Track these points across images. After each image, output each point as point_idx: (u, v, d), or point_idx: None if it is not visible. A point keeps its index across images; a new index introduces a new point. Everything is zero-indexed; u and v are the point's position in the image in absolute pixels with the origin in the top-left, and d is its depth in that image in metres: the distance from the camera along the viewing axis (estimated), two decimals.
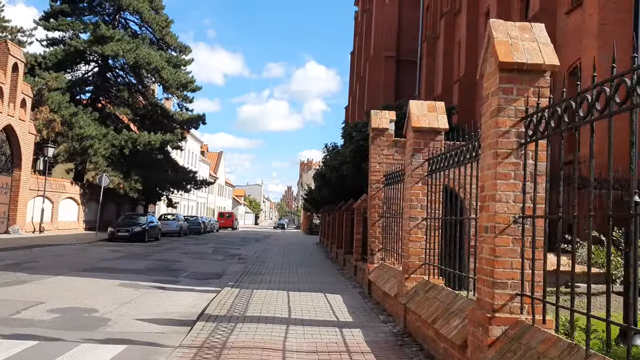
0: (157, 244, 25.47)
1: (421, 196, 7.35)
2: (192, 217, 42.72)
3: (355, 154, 14.33)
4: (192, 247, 24.80)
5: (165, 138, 33.26)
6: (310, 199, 49.10)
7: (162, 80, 36.24)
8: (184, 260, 17.68)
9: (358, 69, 41.63)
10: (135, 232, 26.10)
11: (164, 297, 9.81)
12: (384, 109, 16.40)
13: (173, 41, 39.42)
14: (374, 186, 10.55)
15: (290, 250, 24.22)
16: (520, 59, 4.26)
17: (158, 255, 19.15)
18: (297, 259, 18.81)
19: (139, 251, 20.54)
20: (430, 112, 7.50)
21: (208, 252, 22.13)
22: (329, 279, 13.08)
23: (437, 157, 6.89)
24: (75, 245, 21.81)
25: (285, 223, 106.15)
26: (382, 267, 9.90)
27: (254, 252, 22.05)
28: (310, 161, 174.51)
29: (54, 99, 29.80)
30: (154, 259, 17.46)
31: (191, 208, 65.64)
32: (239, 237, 41.05)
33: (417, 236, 7.29)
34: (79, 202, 32.42)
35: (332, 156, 19.34)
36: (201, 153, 71.34)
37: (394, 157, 10.51)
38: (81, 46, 33.68)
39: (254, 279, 12.34)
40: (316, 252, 22.99)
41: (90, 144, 30.47)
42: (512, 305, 4.23)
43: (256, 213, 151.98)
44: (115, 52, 33.27)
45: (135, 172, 33.66)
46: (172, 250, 21.99)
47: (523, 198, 4.27)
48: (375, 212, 10.57)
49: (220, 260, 18.37)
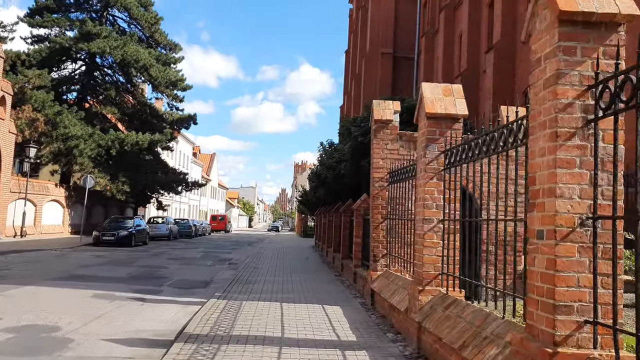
0: (144, 249, 24.27)
1: (436, 194, 6.26)
2: (182, 220, 41.46)
3: (354, 151, 13.25)
4: (180, 251, 23.62)
5: (154, 138, 32.05)
6: (304, 201, 47.98)
7: (150, 79, 35.04)
8: (170, 266, 16.53)
9: (353, 67, 40.60)
10: (121, 237, 24.88)
11: (141, 311, 8.67)
12: None
13: (163, 39, 38.25)
14: (377, 184, 9.46)
15: (285, 254, 23.09)
16: (587, 7, 3.21)
17: (143, 261, 17.98)
18: (292, 264, 17.69)
19: (123, 257, 19.36)
20: (446, 96, 6.42)
21: (197, 257, 20.97)
22: (327, 287, 11.97)
23: (458, 148, 5.81)
24: (56, 251, 20.60)
25: (280, 225, 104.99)
26: (387, 276, 8.81)
27: (246, 257, 20.91)
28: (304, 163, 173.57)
29: (37, 97, 28.55)
30: (138, 265, 16.30)
31: (183, 211, 64.35)
32: (232, 240, 39.87)
33: (433, 241, 6.21)
34: (64, 205, 31.15)
35: (329, 154, 18.24)
36: (193, 155, 70.07)
37: (399, 152, 9.44)
38: (67, 43, 32.45)
39: (244, 288, 11.21)
40: (312, 257, 21.88)
41: (75, 144, 29.23)
42: (579, 337, 3.18)
43: (250, 216, 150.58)
44: (102, 50, 32.07)
45: (122, 173, 32.43)
46: (159, 255, 20.81)
47: (594, 193, 3.21)
48: (379, 214, 9.48)
49: (210, 266, 17.22)
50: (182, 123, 40.03)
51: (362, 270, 11.51)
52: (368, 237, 11.48)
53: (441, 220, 6.19)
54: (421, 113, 6.50)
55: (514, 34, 17.92)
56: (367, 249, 11.66)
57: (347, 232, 14.76)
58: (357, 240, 12.32)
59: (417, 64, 29.04)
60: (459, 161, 5.79)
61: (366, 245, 11.70)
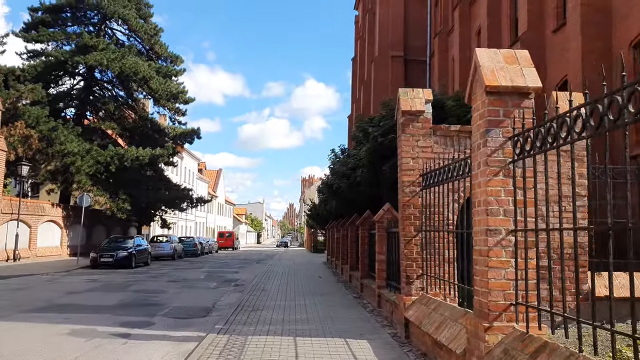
0: (144, 270, 22.62)
1: (503, 196, 4.58)
2: (187, 239, 39.77)
3: (372, 155, 11.56)
4: (183, 272, 21.94)
5: (155, 153, 30.51)
6: (313, 215, 46.17)
7: (151, 92, 33.67)
8: (169, 290, 14.85)
9: (361, 74, 39.09)
10: (120, 257, 23.27)
11: (123, 352, 7.01)
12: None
13: (163, 51, 36.93)
14: (407, 190, 7.78)
15: (295, 272, 21.36)
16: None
17: (140, 284, 16.32)
18: (304, 285, 15.96)
19: (120, 280, 17.71)
20: (509, 64, 4.76)
21: (200, 278, 19.28)
22: (347, 313, 10.24)
23: (538, 129, 4.13)
24: (48, 275, 18.99)
25: (289, 241, 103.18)
26: (426, 302, 7.10)
27: (254, 277, 19.21)
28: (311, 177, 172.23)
29: (31, 113, 27.18)
30: (133, 290, 14.64)
31: (189, 228, 62.77)
32: (239, 258, 38.15)
33: (501, 260, 4.53)
34: (61, 225, 29.61)
35: (342, 162, 16.54)
36: (199, 171, 68.65)
37: (432, 150, 7.77)
38: (62, 57, 31.16)
39: (250, 316, 9.52)
40: (325, 275, 20.12)
41: (72, 161, 27.76)
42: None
43: (258, 232, 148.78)
44: (99, 62, 30.74)
45: (123, 191, 30.91)
46: (159, 277, 19.14)
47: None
48: (411, 225, 7.78)
49: (213, 289, 15.54)
50: (185, 137, 38.56)
51: (388, 293, 9.79)
52: (394, 254, 9.80)
53: (512, 230, 4.50)
54: (476, 88, 4.85)
55: (541, 23, 16.29)
56: (393, 268, 9.97)
57: (367, 248, 13.05)
58: (380, 258, 10.61)
59: (429, 66, 27.44)
60: (539, 148, 4.12)
61: (392, 263, 10.01)
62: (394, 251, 9.90)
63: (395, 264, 9.73)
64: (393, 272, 9.93)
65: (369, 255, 12.77)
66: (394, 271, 9.90)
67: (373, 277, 12.26)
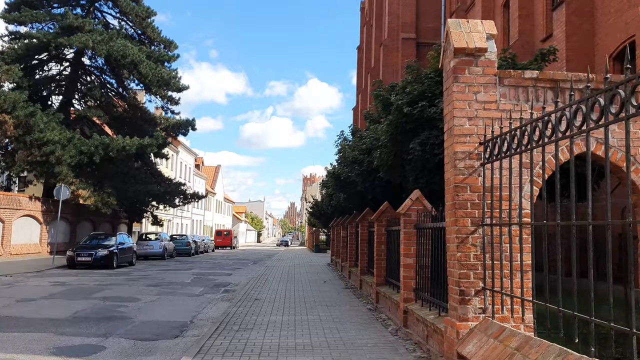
0: (126, 272, 20.14)
1: None
2: (180, 237, 37.22)
3: (395, 130, 9.00)
4: (169, 274, 19.46)
5: (143, 142, 27.95)
6: (316, 212, 43.62)
7: (140, 77, 31.13)
8: (144, 297, 12.37)
9: (368, 61, 36.59)
10: (99, 257, 20.79)
11: None
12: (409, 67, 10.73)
13: (155, 35, 34.44)
14: (462, 165, 5.27)
15: (296, 275, 18.87)
16: None
17: (112, 290, 13.84)
18: (306, 291, 13.48)
19: (91, 284, 15.24)
20: None
21: (186, 281, 16.80)
22: (364, 335, 7.74)
23: None
24: (11, 277, 16.54)
25: (289, 240, 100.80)
26: (497, 333, 4.61)
27: (248, 280, 16.75)
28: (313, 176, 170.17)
29: (7, 97, 24.68)
30: (99, 297, 12.17)
31: (185, 226, 60.29)
32: (236, 257, 35.66)
33: None
34: (40, 220, 27.14)
35: (353, 145, 13.92)
36: (196, 167, 66.13)
37: (498, 106, 5.29)
38: (45, 38, 28.66)
39: (234, 341, 7.06)
40: (329, 278, 17.62)
41: (51, 149, 25.27)
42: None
43: (258, 230, 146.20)
44: (84, 44, 28.20)
45: (109, 183, 28.45)
46: (139, 280, 16.66)
47: None
48: (466, 218, 5.27)
49: (198, 296, 13.06)
50: (179, 129, 36.03)
51: (419, 309, 7.32)
52: (427, 258, 7.35)
53: None
54: None
55: None
56: (424, 276, 7.51)
57: (385, 249, 10.56)
58: (406, 262, 8.12)
59: None
60: None
61: (424, 268, 7.55)
62: (427, 254, 7.44)
63: (430, 271, 7.27)
64: (426, 282, 7.47)
65: (389, 258, 10.29)
66: (427, 281, 7.44)
67: (392, 284, 9.81)
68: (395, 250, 9.40)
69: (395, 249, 9.32)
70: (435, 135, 8.36)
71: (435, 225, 6.85)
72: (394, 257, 9.63)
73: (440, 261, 6.55)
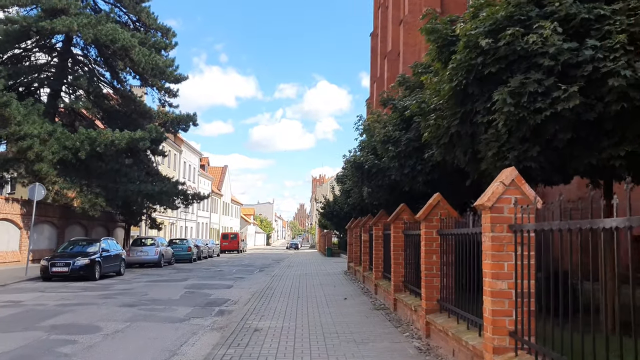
0: (107, 284, 17.05)
1: None
2: (180, 241, 34.07)
3: (463, 79, 5.67)
4: (157, 287, 16.33)
5: (134, 136, 24.86)
6: (327, 213, 40.42)
7: (133, 65, 28.14)
8: (107, 326, 9.23)
9: (383, 46, 33.38)
10: (78, 267, 17.73)
11: None
12: None
13: (151, 21, 31.33)
14: None
15: (308, 288, 15.66)
16: None
17: (71, 314, 10.72)
18: (323, 314, 10.28)
19: (50, 304, 12.15)
20: None
21: (174, 298, 13.65)
22: None
23: None
24: None
25: (299, 242, 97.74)
26: None
27: (250, 296, 13.59)
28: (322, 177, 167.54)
29: None
30: (44, 328, 9.05)
31: (190, 229, 57.26)
32: (241, 263, 32.51)
33: None
34: (20, 225, 24.16)
35: (387, 120, 10.48)
36: (201, 167, 63.13)
37: None
38: (25, 22, 25.69)
39: None
40: (350, 292, 14.36)
41: (29, 144, 22.28)
42: None
43: (268, 233, 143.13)
44: (68, 27, 25.20)
45: (97, 182, 25.43)
46: (115, 297, 13.53)
47: None
48: None
49: (181, 322, 9.91)
50: (179, 124, 32.93)
51: None
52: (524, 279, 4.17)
53: None
54: None
55: None
56: (530, 308, 4.31)
57: (439, 261, 7.33)
58: (497, 286, 4.91)
59: None
60: None
61: (521, 296, 4.35)
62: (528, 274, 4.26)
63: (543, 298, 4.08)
64: (525, 318, 4.27)
65: (444, 273, 7.08)
66: (529, 316, 4.24)
67: (453, 313, 6.61)
68: (463, 264, 6.20)
69: (464, 262, 6.13)
70: (537, 79, 5.16)
71: (520, 228, 3.63)
72: (461, 274, 6.45)
73: None
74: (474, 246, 5.62)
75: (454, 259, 6.97)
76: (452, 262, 7.10)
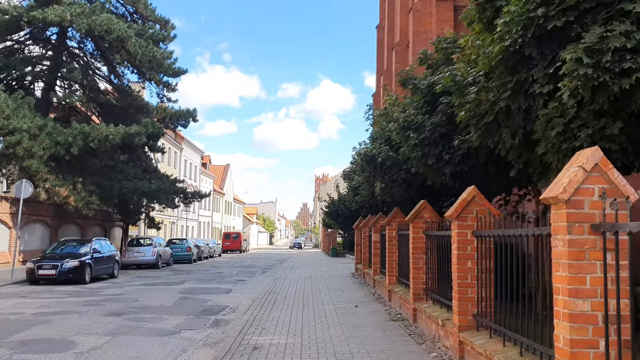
0: (96, 289, 15.82)
1: None
2: (180, 241, 32.85)
3: (519, 37, 4.39)
4: (149, 292, 15.10)
5: (129, 131, 23.63)
6: (332, 212, 39.15)
7: (129, 57, 26.92)
8: (84, 340, 8.00)
9: (390, 37, 32.11)
10: (66, 269, 16.54)
11: None
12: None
13: (149, 12, 30.15)
14: None
15: (314, 293, 14.41)
16: None
17: (47, 325, 9.49)
18: (333, 327, 9.02)
19: (27, 312, 10.94)
20: None
21: (167, 304, 12.41)
22: None
23: None
24: None
25: (302, 242, 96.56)
26: None
27: (250, 302, 12.34)
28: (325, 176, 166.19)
29: None
30: (10, 345, 7.82)
31: (191, 229, 56.06)
32: (243, 264, 31.29)
33: None
34: (9, 225, 22.98)
35: (406, 104, 9.17)
36: (203, 165, 61.94)
37: None
38: (16, 12, 24.49)
39: None
40: (361, 299, 13.08)
41: (18, 139, 21.08)
42: None
43: (271, 232, 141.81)
44: (61, 17, 24.00)
45: (90, 180, 24.24)
46: (100, 304, 12.30)
47: None
48: None
49: (171, 335, 8.66)
50: (178, 119, 31.71)
51: None
52: None
53: None
54: None
55: None
56: None
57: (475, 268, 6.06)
58: (575, 307, 3.63)
59: None
60: None
61: None
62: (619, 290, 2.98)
63: None
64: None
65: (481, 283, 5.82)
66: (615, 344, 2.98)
67: (492, 329, 5.35)
68: (506, 273, 4.94)
69: (512, 271, 4.87)
70: (623, 31, 3.88)
71: None
72: (503, 283, 5.19)
73: None
74: (543, 251, 4.35)
75: (495, 266, 5.71)
76: (492, 269, 5.85)
